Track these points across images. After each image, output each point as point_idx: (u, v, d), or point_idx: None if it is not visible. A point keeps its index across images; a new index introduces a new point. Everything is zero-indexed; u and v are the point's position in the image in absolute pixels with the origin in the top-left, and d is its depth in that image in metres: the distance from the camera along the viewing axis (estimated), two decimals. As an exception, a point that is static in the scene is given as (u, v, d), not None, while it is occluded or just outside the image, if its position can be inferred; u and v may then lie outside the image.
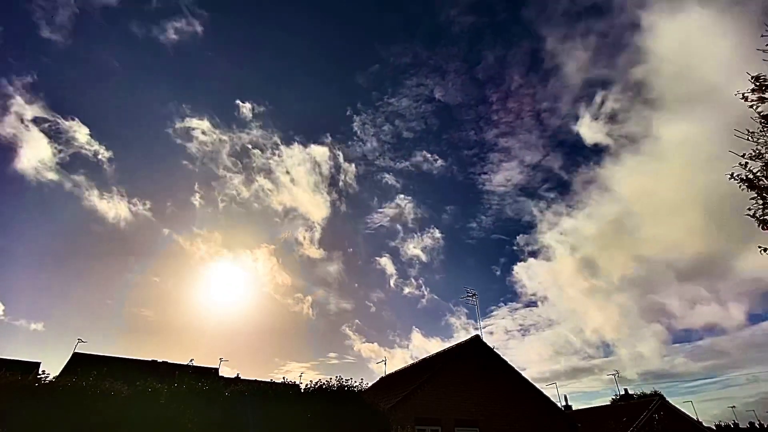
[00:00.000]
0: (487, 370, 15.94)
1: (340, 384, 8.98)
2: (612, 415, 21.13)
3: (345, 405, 8.60)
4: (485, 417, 14.75)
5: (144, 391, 7.21)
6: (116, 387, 7.11)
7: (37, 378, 7.08)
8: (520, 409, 15.69)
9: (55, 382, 6.97)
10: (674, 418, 20.15)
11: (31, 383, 6.78)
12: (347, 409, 8.55)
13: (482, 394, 15.19)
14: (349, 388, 9.03)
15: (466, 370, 15.56)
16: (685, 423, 20.83)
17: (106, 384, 7.06)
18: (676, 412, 20.98)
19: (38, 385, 6.80)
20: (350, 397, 8.85)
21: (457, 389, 14.85)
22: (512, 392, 16.00)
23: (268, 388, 8.48)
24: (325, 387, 8.81)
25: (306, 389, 8.81)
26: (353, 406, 8.72)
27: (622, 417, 19.48)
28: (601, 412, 23.93)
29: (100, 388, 6.94)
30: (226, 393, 7.83)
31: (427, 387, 14.36)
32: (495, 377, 15.97)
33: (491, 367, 16.16)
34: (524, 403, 15.98)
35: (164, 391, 7.30)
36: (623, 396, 29.64)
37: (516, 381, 16.44)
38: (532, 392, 16.52)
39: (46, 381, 6.97)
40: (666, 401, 21.60)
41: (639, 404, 22.07)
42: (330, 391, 8.75)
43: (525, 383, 16.58)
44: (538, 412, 16.02)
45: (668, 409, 20.65)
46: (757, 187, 5.04)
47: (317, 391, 8.70)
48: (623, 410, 21.37)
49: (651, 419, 18.95)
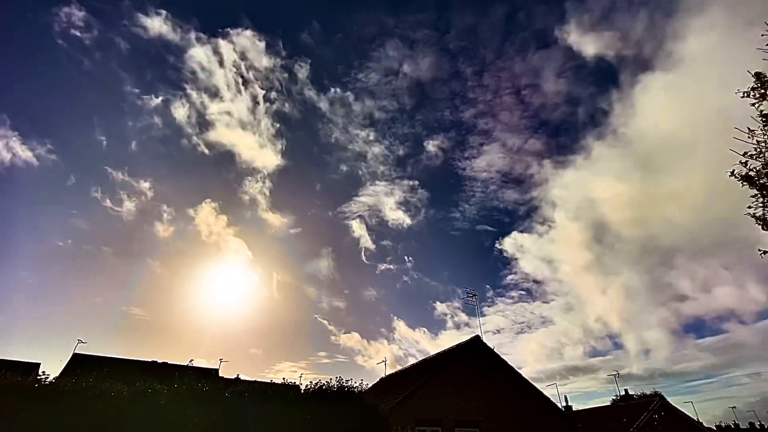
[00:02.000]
0: (487, 371, 15.93)
1: (339, 385, 8.96)
2: (612, 415, 21.13)
3: (345, 406, 8.58)
4: (485, 418, 14.74)
5: (144, 391, 7.20)
6: (116, 388, 7.08)
7: (38, 379, 7.07)
8: (521, 410, 15.67)
9: (55, 383, 6.96)
10: (674, 419, 20.15)
11: (31, 384, 6.77)
12: (347, 410, 8.53)
13: (482, 395, 15.18)
14: (349, 388, 9.01)
15: (466, 370, 15.55)
16: (686, 423, 20.82)
17: (106, 385, 7.04)
18: (677, 413, 20.98)
19: (38, 386, 6.79)
20: (350, 398, 8.83)
21: (458, 390, 14.83)
22: (512, 393, 15.98)
23: (268, 388, 8.47)
24: (325, 388, 8.78)
25: (306, 390, 8.78)
26: (353, 406, 8.70)
27: (623, 418, 19.48)
28: (601, 413, 23.92)
29: (100, 389, 6.92)
30: (226, 394, 7.81)
31: (428, 387, 14.34)
32: (495, 378, 15.95)
33: (491, 367, 16.15)
34: (524, 403, 15.97)
35: (164, 391, 7.28)
36: (623, 396, 29.61)
37: (516, 381, 16.43)
38: (533, 393, 16.51)
39: (46, 382, 6.96)
40: (666, 402, 21.61)
41: (639, 405, 22.06)
42: (330, 391, 8.73)
43: (525, 384, 16.57)
44: (538, 413, 16.00)
45: (668, 409, 20.64)
46: (757, 186, 5.03)
47: (317, 392, 8.67)
48: (623, 411, 21.37)
49: (651, 420, 18.94)
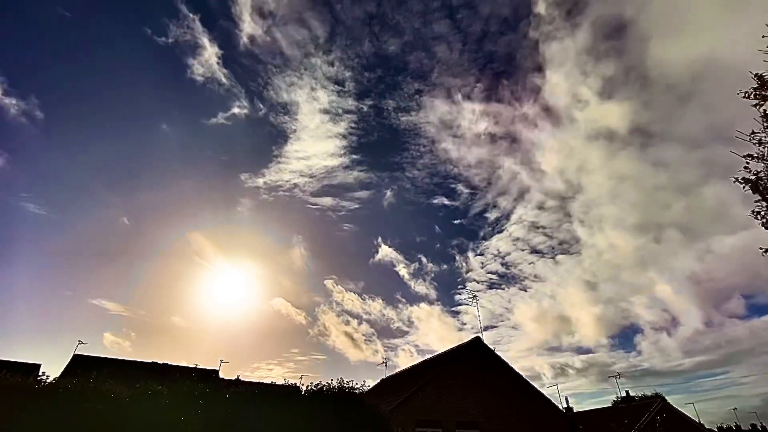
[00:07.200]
0: (487, 372, 15.89)
1: (340, 386, 8.96)
2: (613, 417, 21.05)
3: (345, 407, 8.57)
4: (486, 419, 14.70)
5: (144, 392, 7.20)
6: (116, 389, 7.09)
7: (38, 380, 7.07)
8: (521, 411, 15.63)
9: (55, 384, 6.96)
10: (676, 421, 20.08)
11: (31, 385, 6.77)
12: (348, 411, 8.52)
13: (483, 396, 15.15)
14: (349, 390, 9.01)
15: (466, 371, 15.53)
16: (687, 425, 20.76)
17: (106, 386, 7.05)
18: (678, 414, 20.93)
19: (39, 386, 6.79)
20: (351, 399, 8.82)
21: (458, 391, 14.80)
22: (513, 394, 15.94)
23: (269, 389, 8.46)
24: (326, 389, 8.78)
25: (307, 391, 8.77)
26: (354, 408, 8.69)
27: (624, 419, 19.42)
28: (602, 414, 23.87)
29: (101, 390, 6.92)
30: (227, 395, 7.81)
31: (428, 389, 14.32)
32: (495, 378, 15.92)
33: (492, 368, 16.12)
34: (525, 404, 15.92)
35: (165, 392, 7.28)
36: (624, 398, 29.52)
37: (517, 382, 16.39)
38: (533, 394, 16.46)
39: (46, 383, 6.96)
40: (667, 403, 21.55)
41: (640, 406, 22.02)
42: (330, 393, 8.73)
43: (526, 384, 16.52)
44: (539, 414, 15.96)
45: (669, 411, 20.58)
46: (760, 190, 4.96)
47: (318, 393, 8.67)
48: (624, 412, 21.30)
49: (652, 421, 18.89)
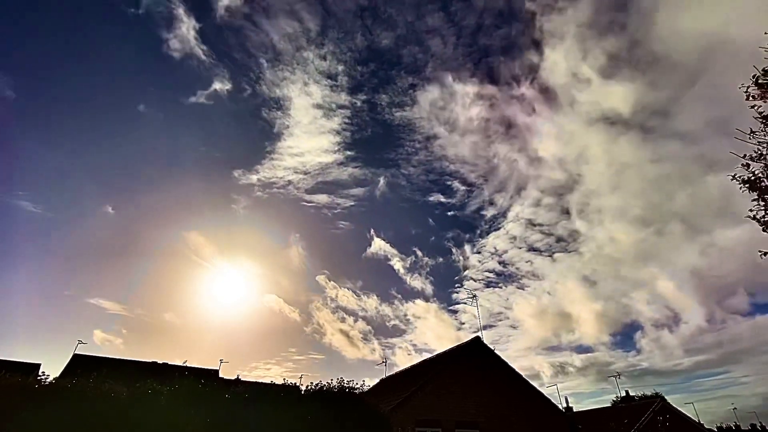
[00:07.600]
0: (487, 372, 15.90)
1: (340, 386, 8.96)
2: (613, 416, 21.06)
3: (345, 407, 8.57)
4: (486, 418, 14.71)
5: (144, 392, 7.19)
6: (116, 388, 7.08)
7: (38, 379, 7.06)
8: (521, 411, 15.64)
9: (55, 384, 6.96)
10: (675, 420, 20.08)
11: (31, 385, 6.76)
12: (348, 411, 8.52)
13: (483, 396, 15.16)
14: (349, 389, 9.01)
15: (466, 371, 15.54)
16: (687, 425, 20.77)
17: (106, 385, 7.04)
18: (678, 414, 20.94)
19: (38, 386, 6.78)
20: (351, 399, 8.82)
21: (458, 391, 14.81)
22: (513, 393, 15.96)
23: (269, 389, 8.46)
24: (326, 389, 8.78)
25: (306, 391, 8.77)
26: (354, 407, 8.69)
27: (623, 419, 19.43)
28: (601, 414, 23.88)
29: (101, 390, 6.92)
30: (227, 395, 7.81)
31: (428, 389, 14.33)
32: (495, 378, 15.93)
33: (492, 368, 16.13)
34: (525, 404, 15.94)
35: (164, 392, 7.27)
36: (624, 397, 29.56)
37: (516, 382, 16.40)
38: (533, 393, 16.47)
39: (46, 382, 6.96)
40: (667, 403, 21.57)
41: (640, 406, 22.02)
42: (330, 392, 8.72)
43: (525, 384, 16.54)
44: (538, 414, 15.97)
45: (669, 410, 20.59)
46: (758, 189, 4.95)
47: (318, 393, 8.67)
48: (624, 412, 21.32)
49: (652, 421, 18.89)
